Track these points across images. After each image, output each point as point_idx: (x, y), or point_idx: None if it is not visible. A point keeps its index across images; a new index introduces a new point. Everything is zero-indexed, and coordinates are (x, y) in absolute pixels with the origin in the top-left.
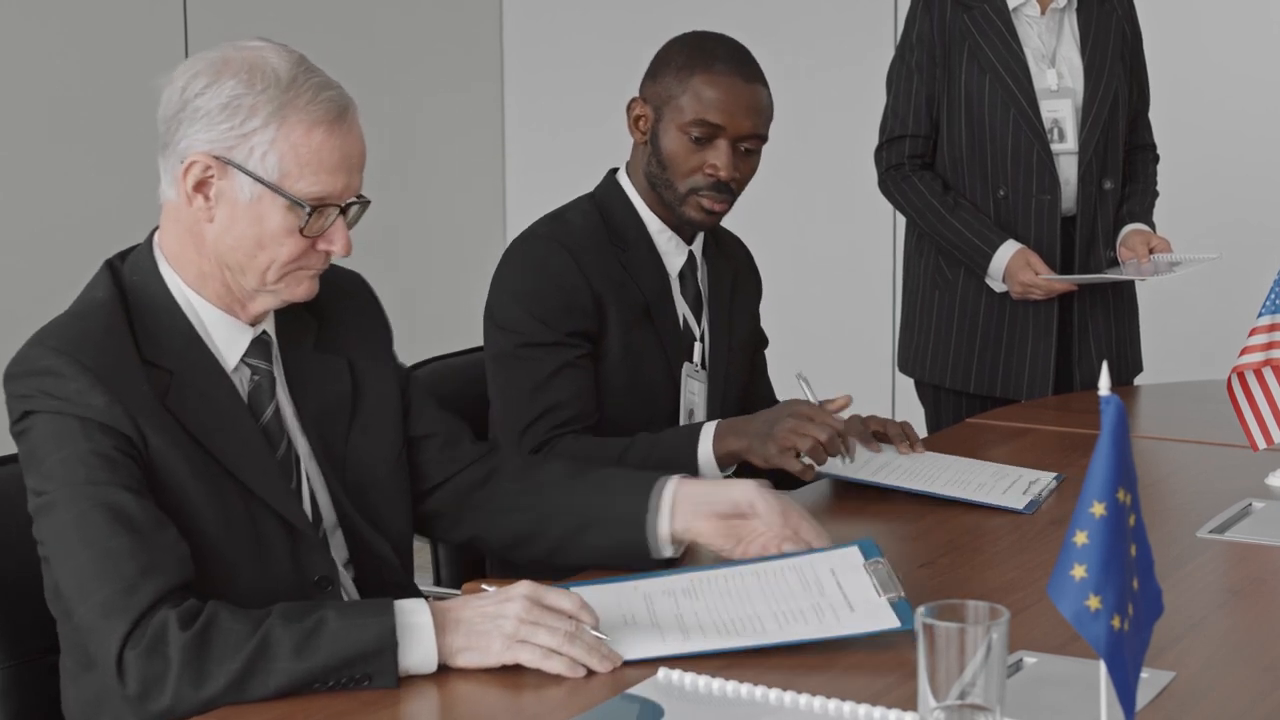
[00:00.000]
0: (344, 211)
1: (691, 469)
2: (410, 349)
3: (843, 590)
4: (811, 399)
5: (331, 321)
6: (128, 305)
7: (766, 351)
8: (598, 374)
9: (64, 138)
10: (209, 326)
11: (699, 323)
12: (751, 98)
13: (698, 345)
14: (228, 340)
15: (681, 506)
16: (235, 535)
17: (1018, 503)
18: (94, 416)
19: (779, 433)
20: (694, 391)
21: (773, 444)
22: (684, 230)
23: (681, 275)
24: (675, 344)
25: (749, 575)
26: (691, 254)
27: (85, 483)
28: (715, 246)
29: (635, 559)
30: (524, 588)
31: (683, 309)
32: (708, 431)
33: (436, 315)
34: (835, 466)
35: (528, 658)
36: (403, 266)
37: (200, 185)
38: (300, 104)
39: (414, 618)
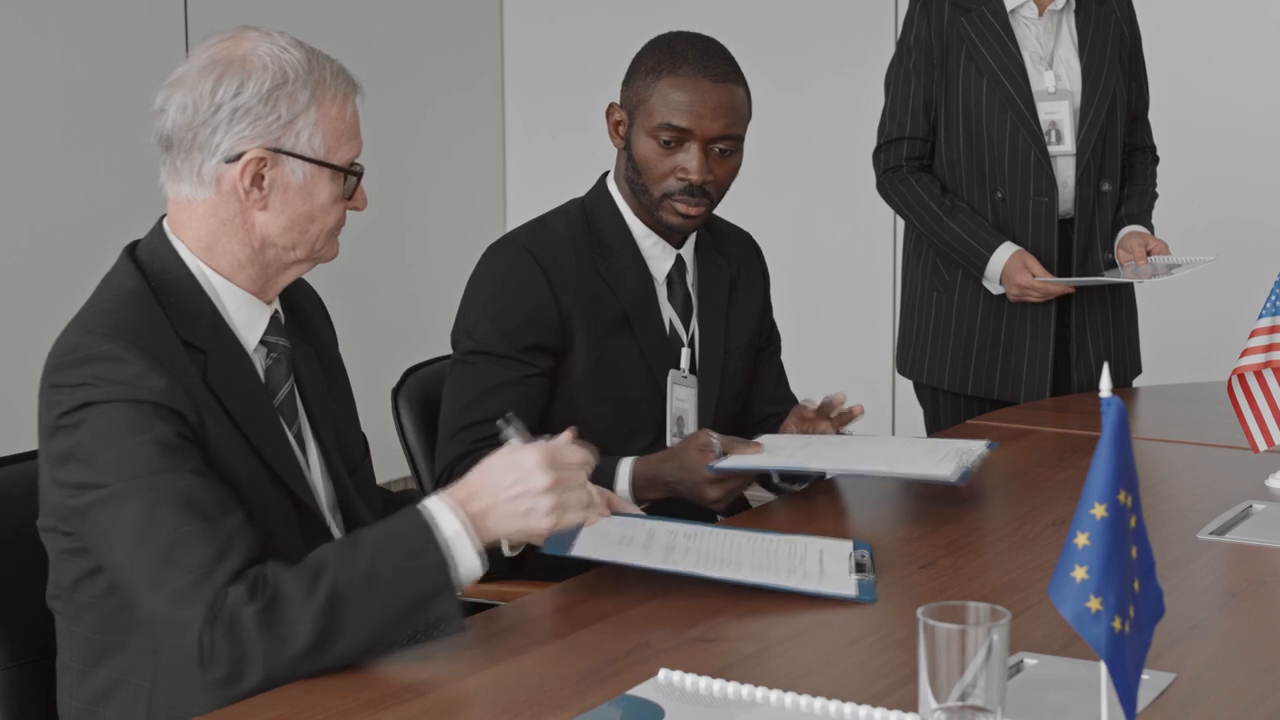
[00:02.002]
0: None
1: None
2: (410, 349)
3: (821, 564)
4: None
5: (299, 314)
6: (154, 290)
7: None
8: (565, 386)
9: (64, 137)
10: (230, 309)
11: (688, 328)
12: (720, 98)
13: (685, 351)
14: (247, 321)
15: None
16: (261, 514)
17: (947, 472)
18: (155, 399)
19: (712, 507)
20: (682, 398)
21: (711, 508)
22: (671, 234)
23: (669, 280)
24: (660, 351)
25: (748, 538)
26: (680, 257)
27: (150, 473)
28: (713, 247)
29: None
30: (536, 454)
31: (669, 314)
32: (624, 474)
33: (436, 316)
34: (751, 460)
35: (571, 520)
36: (403, 267)
37: (254, 178)
38: (327, 81)
39: (447, 531)
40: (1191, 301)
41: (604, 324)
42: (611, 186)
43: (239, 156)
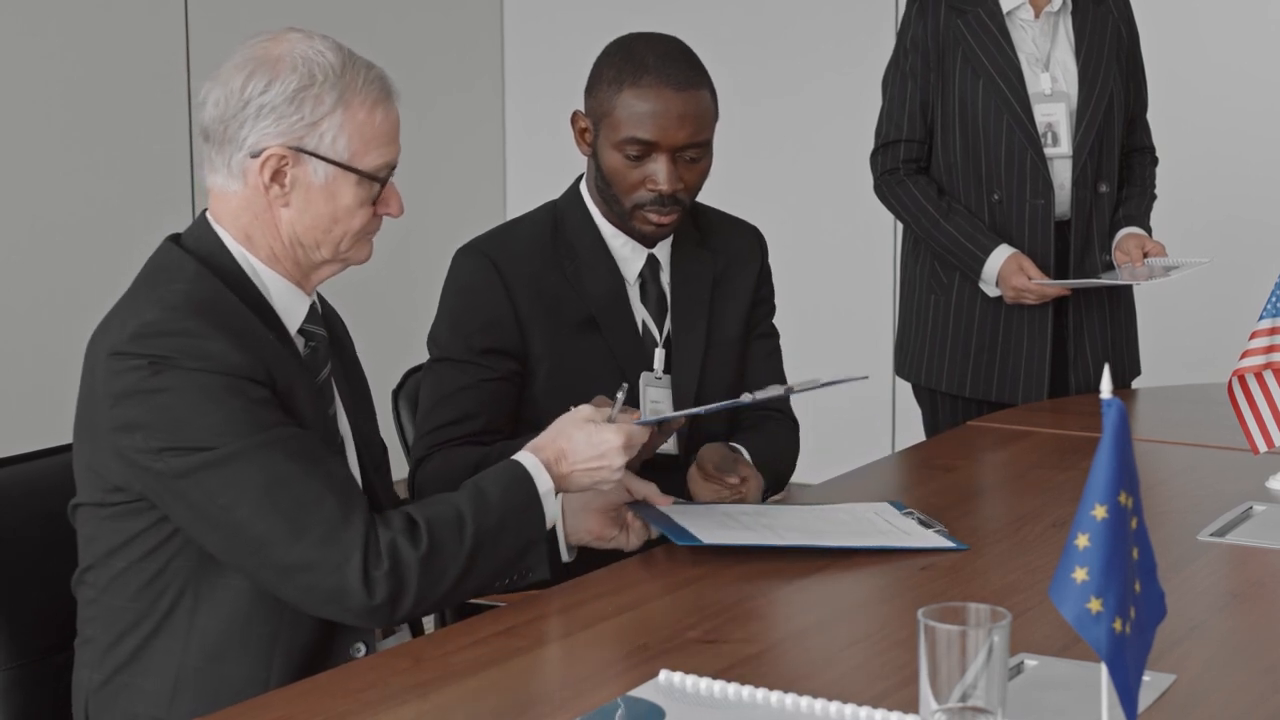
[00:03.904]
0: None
1: None
2: (409, 350)
3: (893, 524)
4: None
5: (327, 318)
6: (213, 272)
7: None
8: (530, 391)
9: (64, 137)
10: (274, 295)
11: (662, 328)
12: (684, 107)
13: (659, 352)
14: (289, 308)
15: (568, 513)
16: None
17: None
18: (239, 373)
19: None
20: (657, 400)
21: None
22: (643, 237)
23: (641, 280)
24: (632, 352)
25: (806, 511)
26: (653, 257)
27: (262, 430)
28: (697, 243)
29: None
30: (619, 439)
31: (642, 315)
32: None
33: None
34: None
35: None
36: (403, 267)
37: (275, 175)
38: (358, 87)
39: (542, 487)
40: (1190, 303)
41: (567, 327)
42: (583, 189)
43: (261, 152)
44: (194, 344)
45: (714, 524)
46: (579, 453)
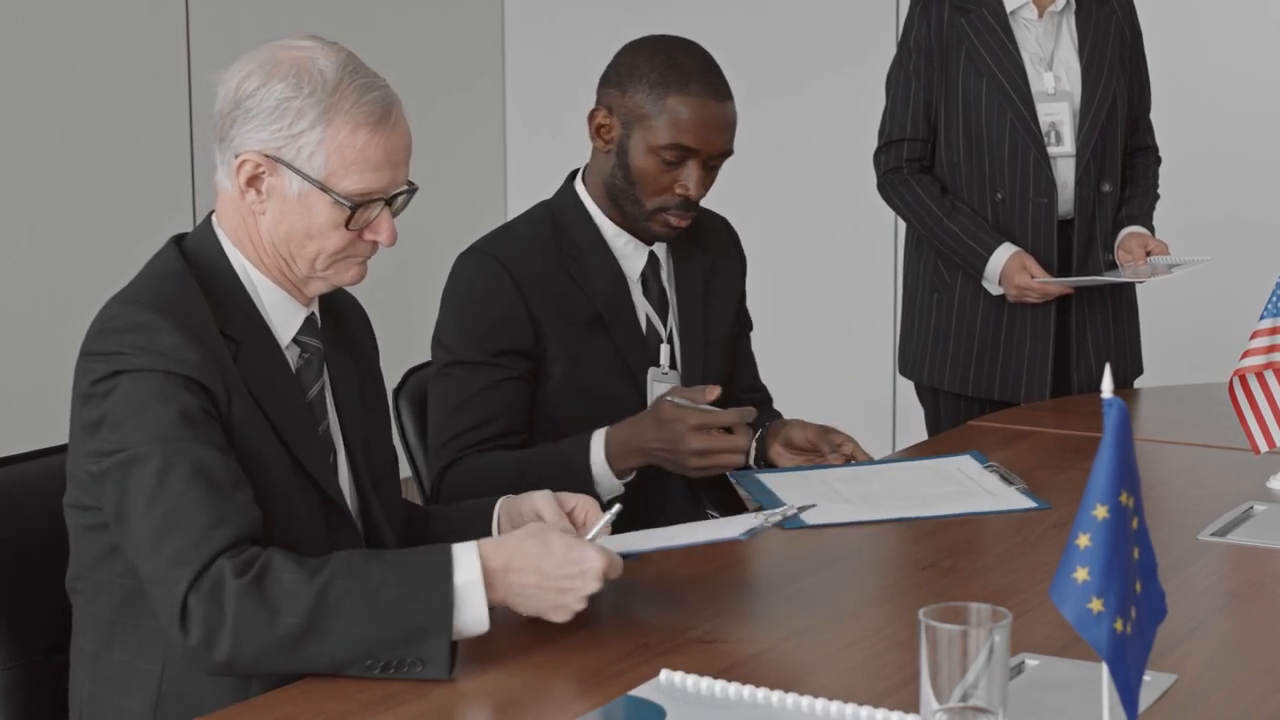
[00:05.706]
0: (389, 202)
1: (588, 480)
2: (410, 350)
3: (977, 482)
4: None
5: (345, 324)
6: (197, 277)
7: (762, 339)
8: (543, 390)
9: (64, 137)
10: (267, 304)
11: (665, 324)
12: (723, 116)
13: (664, 347)
14: (283, 318)
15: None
16: (282, 505)
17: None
18: (186, 372)
19: (690, 464)
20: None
21: (689, 469)
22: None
23: (643, 277)
24: (637, 349)
25: (899, 469)
26: (653, 255)
27: (170, 439)
28: (688, 239)
29: None
30: (600, 563)
31: (645, 310)
32: (598, 444)
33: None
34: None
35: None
36: (403, 269)
37: (252, 180)
38: (345, 106)
39: (461, 577)
40: (1192, 302)
41: (576, 325)
42: (579, 186)
43: (239, 154)
44: (146, 338)
45: (814, 496)
46: (554, 565)
